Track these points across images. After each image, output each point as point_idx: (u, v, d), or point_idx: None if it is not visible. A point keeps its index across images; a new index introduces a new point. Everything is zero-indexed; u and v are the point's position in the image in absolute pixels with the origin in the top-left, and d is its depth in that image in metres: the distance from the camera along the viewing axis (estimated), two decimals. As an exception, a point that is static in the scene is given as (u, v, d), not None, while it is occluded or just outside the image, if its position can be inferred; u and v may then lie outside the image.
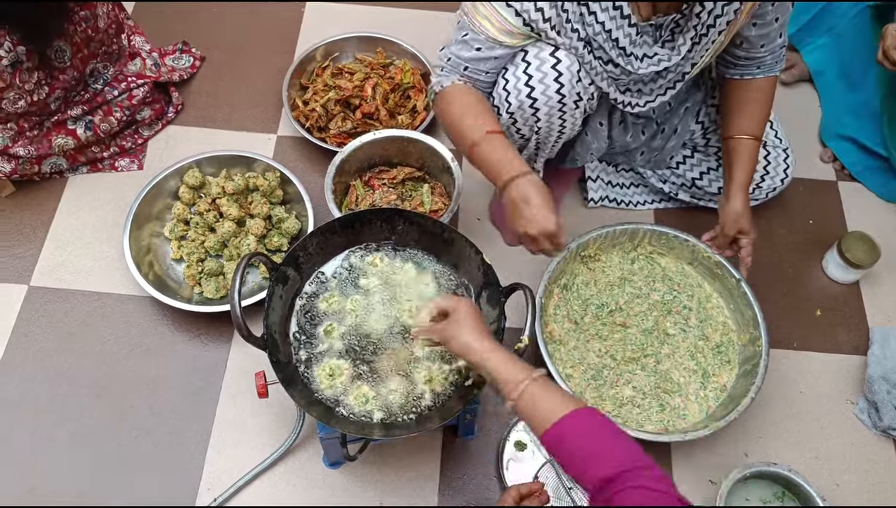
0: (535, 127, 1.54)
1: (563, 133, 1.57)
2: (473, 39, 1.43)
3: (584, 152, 1.73)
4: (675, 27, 1.45)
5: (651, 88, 1.57)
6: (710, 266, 1.78)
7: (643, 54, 1.46)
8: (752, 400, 1.59)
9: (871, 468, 1.71)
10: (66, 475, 1.62)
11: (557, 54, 1.44)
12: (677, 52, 1.47)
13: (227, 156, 1.95)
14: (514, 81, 1.47)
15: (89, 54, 1.87)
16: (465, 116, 1.46)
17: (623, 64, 1.46)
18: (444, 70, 1.49)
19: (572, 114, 1.52)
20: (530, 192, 1.36)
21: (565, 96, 1.47)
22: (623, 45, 1.43)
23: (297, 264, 1.48)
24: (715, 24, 1.45)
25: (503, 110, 1.52)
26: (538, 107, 1.49)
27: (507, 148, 1.42)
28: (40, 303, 1.82)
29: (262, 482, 1.63)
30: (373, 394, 1.39)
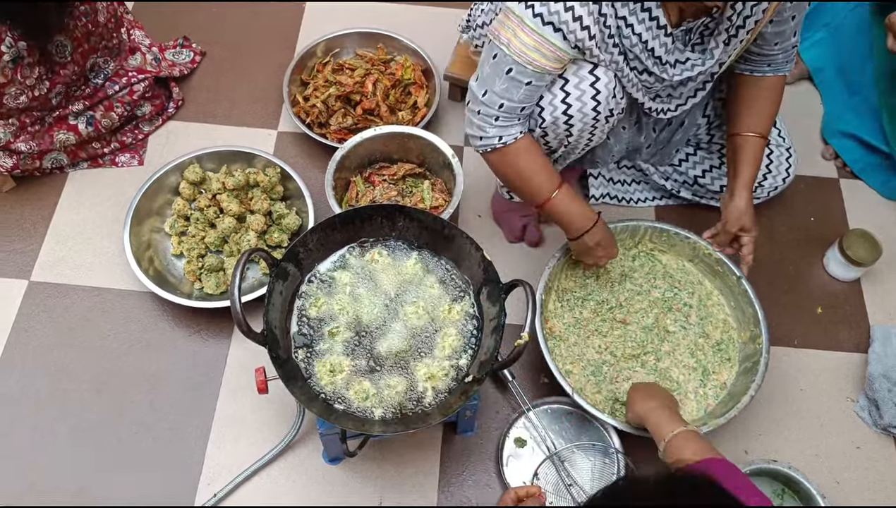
0: (565, 141, 1.53)
1: (589, 144, 1.57)
2: (521, 73, 1.36)
3: (606, 155, 1.71)
4: (704, 30, 1.44)
5: (681, 92, 1.57)
6: (711, 263, 1.78)
7: (675, 60, 1.45)
8: (751, 397, 1.59)
9: (871, 466, 1.70)
10: (67, 470, 1.62)
11: (596, 72, 1.41)
12: (710, 55, 1.46)
13: (228, 151, 1.94)
14: (550, 98, 1.45)
15: (90, 49, 1.87)
16: (537, 173, 1.52)
17: (658, 72, 1.45)
18: (500, 120, 1.43)
19: (602, 128, 1.52)
20: (602, 238, 1.60)
21: (600, 113, 1.47)
22: (658, 55, 1.42)
23: (297, 260, 1.48)
24: (744, 24, 1.45)
25: (536, 126, 1.50)
26: (573, 123, 1.47)
27: (574, 198, 1.55)
28: (41, 299, 1.82)
29: (261, 477, 1.63)
30: (373, 391, 1.39)
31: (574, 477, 1.61)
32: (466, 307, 1.48)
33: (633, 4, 1.34)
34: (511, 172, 1.53)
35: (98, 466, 1.63)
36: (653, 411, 1.44)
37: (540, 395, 1.72)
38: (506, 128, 1.45)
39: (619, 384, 1.68)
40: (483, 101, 1.42)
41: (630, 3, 1.33)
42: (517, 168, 1.51)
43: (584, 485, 1.60)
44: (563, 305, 1.76)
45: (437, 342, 1.44)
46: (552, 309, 1.75)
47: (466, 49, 2.05)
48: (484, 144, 1.49)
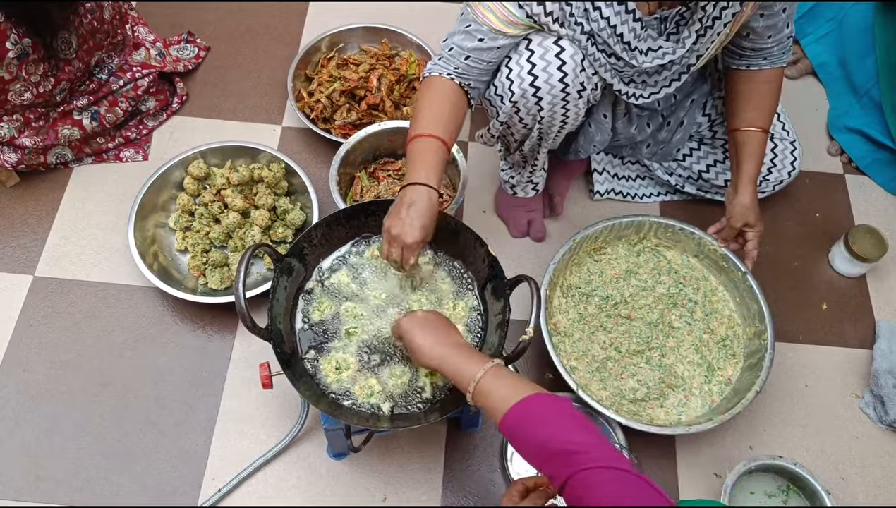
0: (538, 116, 1.53)
1: (565, 123, 1.56)
2: (476, 30, 1.43)
3: (588, 144, 1.73)
4: (679, 20, 1.44)
5: (655, 80, 1.56)
6: (716, 259, 1.77)
7: (647, 48, 1.45)
8: (756, 393, 1.58)
9: (876, 462, 1.70)
10: (72, 464, 1.63)
11: (561, 43, 1.43)
12: (682, 44, 1.46)
13: (232, 147, 1.94)
14: (517, 70, 1.46)
15: (95, 45, 1.87)
16: (428, 109, 1.45)
17: (627, 58, 1.45)
18: (443, 59, 1.48)
19: (575, 103, 1.51)
20: (418, 201, 1.35)
21: (569, 85, 1.47)
22: (627, 40, 1.42)
23: (301, 255, 1.48)
24: (721, 15, 1.44)
25: (506, 99, 1.51)
26: (541, 95, 1.48)
27: (433, 155, 1.40)
28: (45, 294, 1.82)
29: (265, 473, 1.63)
30: (378, 387, 1.39)
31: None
32: (471, 302, 1.48)
33: None
34: (417, 101, 1.49)
35: (103, 460, 1.63)
36: (447, 357, 1.23)
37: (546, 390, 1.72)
38: (442, 67, 1.47)
39: (623, 380, 1.68)
40: (441, 46, 1.49)
41: None
42: (422, 97, 1.48)
43: (588, 481, 1.59)
44: (568, 301, 1.76)
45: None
46: (557, 305, 1.75)
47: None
48: (423, 74, 1.51)
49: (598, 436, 1.05)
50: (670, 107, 1.79)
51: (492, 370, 1.17)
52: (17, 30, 1.64)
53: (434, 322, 1.30)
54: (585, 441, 1.03)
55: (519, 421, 1.10)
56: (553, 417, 1.08)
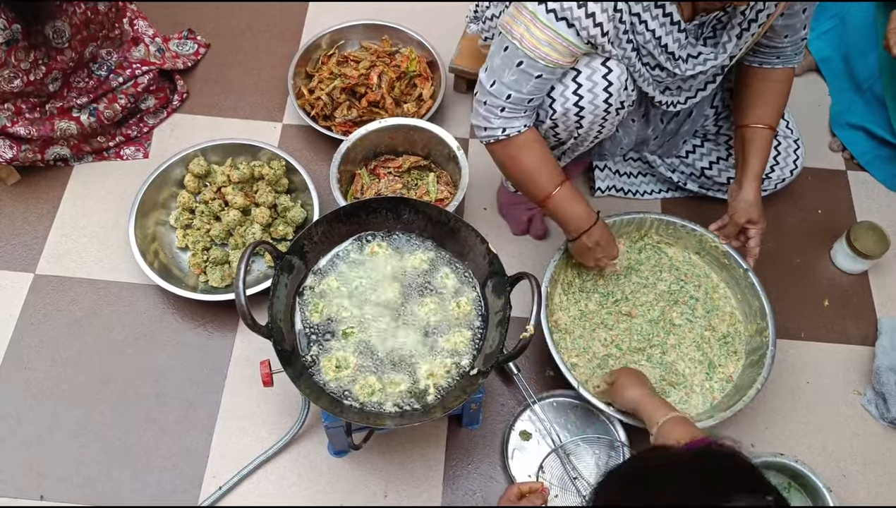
0: (575, 132, 1.53)
1: (599, 136, 1.57)
2: (532, 67, 1.36)
3: (615, 147, 1.71)
4: (717, 24, 1.44)
5: (690, 85, 1.56)
6: (718, 256, 1.77)
7: (688, 55, 1.45)
8: (758, 391, 1.58)
9: (878, 459, 1.70)
10: (73, 462, 1.63)
11: (609, 64, 1.41)
12: (722, 48, 1.46)
13: (233, 144, 1.94)
14: (562, 90, 1.45)
15: (89, 36, 1.87)
16: (541, 168, 1.51)
17: (671, 67, 1.45)
18: (506, 110, 1.43)
19: (612, 120, 1.51)
20: (601, 238, 1.59)
21: (612, 105, 1.46)
22: (672, 50, 1.42)
23: (302, 253, 1.48)
24: (756, 18, 1.44)
25: (547, 117, 1.49)
26: (584, 116, 1.47)
27: (575, 196, 1.55)
28: (46, 291, 1.82)
29: (266, 470, 1.63)
30: (379, 386, 1.39)
31: (579, 470, 1.60)
32: (472, 300, 1.48)
33: (646, 1, 1.33)
34: (514, 166, 1.53)
35: (104, 458, 1.63)
36: (645, 397, 1.46)
37: (545, 388, 1.72)
38: (511, 119, 1.45)
39: (624, 377, 1.68)
40: (491, 92, 1.42)
41: None
42: (520, 161, 1.51)
43: (589, 478, 1.60)
44: (569, 298, 1.76)
45: (443, 336, 1.44)
46: (558, 302, 1.75)
47: (472, 41, 2.04)
48: (488, 135, 1.49)
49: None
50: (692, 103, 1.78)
51: (675, 417, 1.37)
52: (6, 15, 1.64)
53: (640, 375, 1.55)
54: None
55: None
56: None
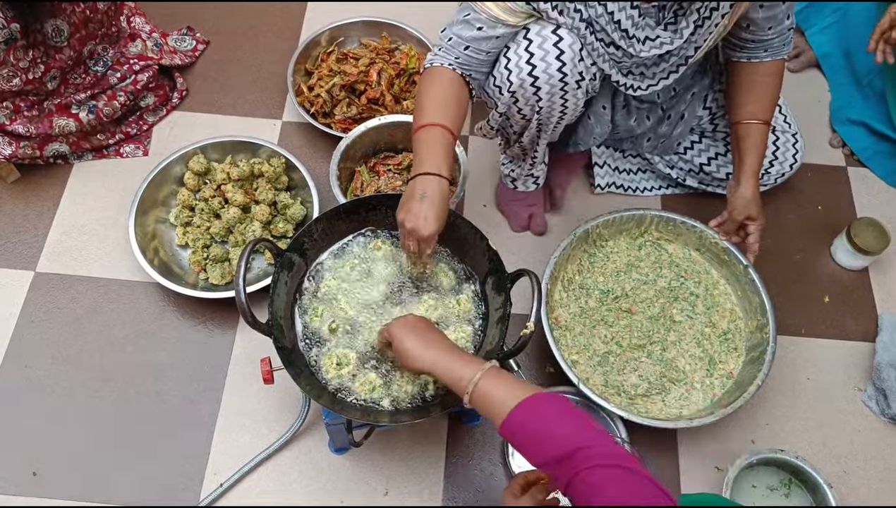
0: (536, 106, 1.52)
1: (564, 114, 1.56)
2: (475, 19, 1.42)
3: (587, 136, 1.72)
4: (678, 9, 1.43)
5: (654, 72, 1.55)
6: (718, 252, 1.77)
7: (645, 37, 1.45)
8: (758, 387, 1.58)
9: (878, 455, 1.70)
10: (73, 459, 1.63)
11: (559, 32, 1.43)
12: (679, 34, 1.46)
13: (232, 141, 1.94)
14: (515, 59, 1.46)
15: (88, 35, 1.87)
16: (431, 98, 1.44)
17: (625, 46, 1.45)
18: (443, 49, 1.48)
19: (574, 94, 1.51)
20: (431, 192, 1.35)
21: (567, 75, 1.46)
22: (625, 28, 1.42)
23: (302, 250, 1.48)
24: (718, 6, 1.43)
25: (504, 89, 1.50)
26: (539, 85, 1.47)
27: (441, 145, 1.39)
28: (46, 289, 1.82)
29: (267, 467, 1.63)
30: (379, 382, 1.39)
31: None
32: (472, 297, 1.48)
33: None
34: (420, 92, 1.48)
35: (104, 455, 1.63)
36: (440, 361, 1.20)
37: (546, 385, 1.72)
38: (441, 57, 1.47)
39: (625, 375, 1.68)
40: (440, 37, 1.49)
41: None
42: (423, 88, 1.48)
43: (589, 475, 1.59)
44: (569, 295, 1.76)
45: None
46: (558, 299, 1.75)
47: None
48: (423, 65, 1.52)
49: (597, 433, 1.04)
50: (670, 100, 1.78)
51: (489, 372, 1.15)
52: (5, 14, 1.64)
53: (423, 326, 1.28)
54: (585, 438, 1.02)
55: (518, 426, 1.08)
56: (552, 417, 1.07)
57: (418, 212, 1.34)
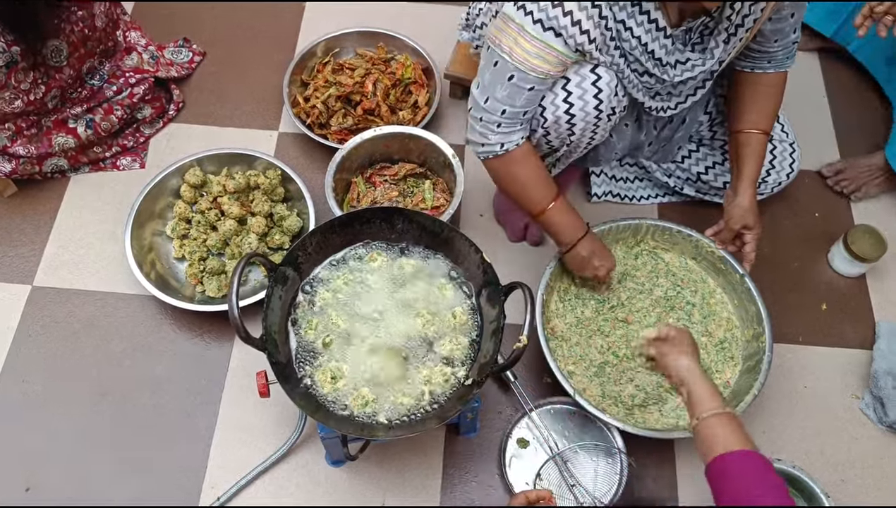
0: (567, 140, 1.52)
1: (591, 142, 1.56)
2: (524, 80, 1.37)
3: (609, 152, 1.71)
4: (704, 30, 1.44)
5: (681, 91, 1.56)
6: (714, 261, 1.77)
7: (676, 61, 1.45)
8: (754, 396, 1.58)
9: (876, 463, 1.70)
10: (70, 473, 1.63)
11: (598, 71, 1.41)
12: (710, 54, 1.46)
13: (228, 154, 1.94)
14: (552, 98, 1.44)
15: (86, 53, 1.87)
16: (535, 182, 1.53)
17: (659, 74, 1.45)
18: (502, 126, 1.43)
19: (604, 126, 1.51)
20: (595, 247, 1.62)
21: (602, 112, 1.46)
22: (659, 56, 1.42)
23: (296, 264, 1.48)
24: (743, 23, 1.44)
25: (538, 125, 1.49)
26: (575, 123, 1.47)
27: (569, 210, 1.58)
28: (43, 303, 1.83)
29: (264, 480, 1.64)
30: (372, 397, 1.39)
31: (577, 478, 1.60)
32: (467, 310, 1.48)
33: (631, 7, 1.33)
34: (510, 180, 1.54)
35: (101, 469, 1.64)
36: (696, 374, 1.44)
37: (543, 395, 1.72)
38: (508, 134, 1.45)
39: (622, 385, 1.67)
40: (485, 108, 1.42)
41: (629, 5, 1.33)
42: (516, 176, 1.52)
43: (587, 486, 1.59)
44: (565, 305, 1.76)
45: (439, 347, 1.44)
46: (554, 309, 1.75)
47: (467, 47, 2.04)
48: (486, 151, 1.49)
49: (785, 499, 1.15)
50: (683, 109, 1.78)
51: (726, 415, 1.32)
52: (6, 38, 1.65)
53: (695, 347, 1.53)
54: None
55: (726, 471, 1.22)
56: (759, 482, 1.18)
57: (599, 264, 1.64)
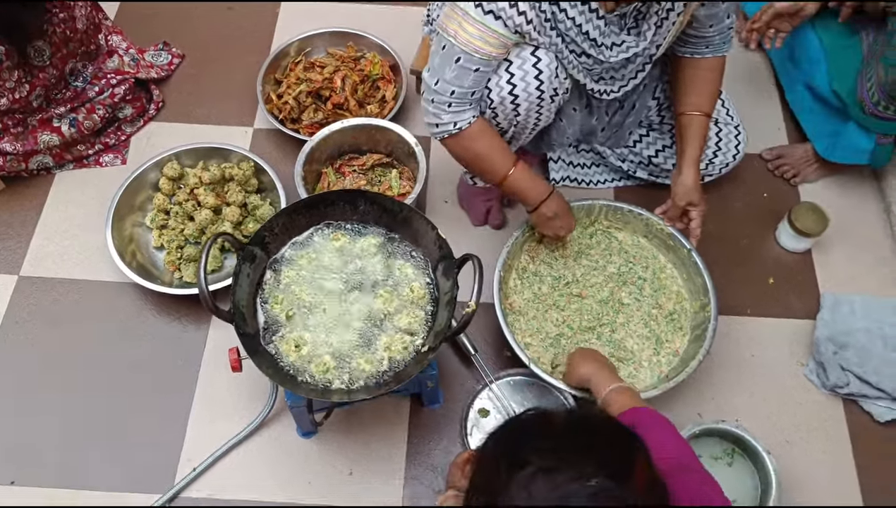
0: (513, 120, 1.63)
1: (538, 124, 1.67)
2: (469, 61, 1.48)
3: (560, 137, 1.81)
4: (637, 14, 1.54)
5: (623, 74, 1.66)
6: (664, 238, 1.86)
7: (612, 43, 1.55)
8: (699, 361, 1.67)
9: (820, 425, 1.78)
10: (57, 450, 1.73)
11: (538, 53, 1.52)
12: (643, 37, 1.56)
13: (205, 148, 2.04)
14: (496, 80, 1.55)
15: (68, 54, 1.98)
16: (493, 152, 1.63)
17: (595, 54, 1.55)
18: (453, 106, 1.54)
19: (548, 107, 1.62)
20: (559, 208, 1.72)
21: (544, 92, 1.57)
22: (594, 37, 1.52)
23: (263, 243, 1.57)
24: (674, 7, 1.54)
25: (486, 107, 1.60)
26: (519, 102, 1.57)
27: (530, 174, 1.67)
28: (30, 292, 1.93)
29: (238, 452, 1.73)
30: (334, 364, 1.48)
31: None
32: (424, 284, 1.57)
33: None
34: (468, 155, 1.64)
35: (85, 446, 1.73)
36: (596, 371, 1.56)
37: (504, 369, 1.80)
38: (459, 113, 1.55)
39: (576, 355, 1.77)
40: (436, 90, 1.53)
41: None
42: (475, 150, 1.62)
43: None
44: (523, 282, 1.85)
45: (398, 320, 1.53)
46: (512, 286, 1.84)
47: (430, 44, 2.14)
48: (441, 131, 1.59)
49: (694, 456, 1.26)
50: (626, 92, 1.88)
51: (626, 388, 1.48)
52: None
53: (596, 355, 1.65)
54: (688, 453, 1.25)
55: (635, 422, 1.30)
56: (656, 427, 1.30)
57: (563, 224, 1.75)
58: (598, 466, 0.84)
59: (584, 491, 0.82)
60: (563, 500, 0.82)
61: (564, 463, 0.84)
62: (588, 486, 0.82)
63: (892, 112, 1.82)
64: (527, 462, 0.85)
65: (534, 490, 0.83)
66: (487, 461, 0.93)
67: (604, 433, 0.93)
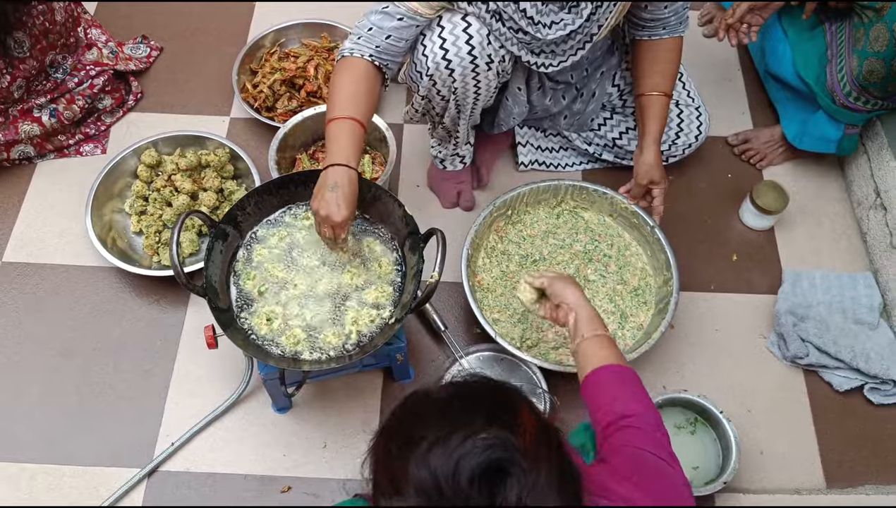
0: (452, 87, 1.67)
1: (479, 94, 1.71)
2: (395, 11, 1.56)
3: (507, 116, 1.87)
4: None
5: (563, 49, 1.71)
6: (628, 216, 1.92)
7: (550, 21, 1.60)
8: (661, 333, 1.73)
9: (781, 395, 1.84)
10: (39, 427, 1.77)
11: (468, 19, 1.58)
12: (580, 15, 1.61)
13: (182, 136, 2.09)
14: (430, 45, 1.61)
15: (48, 46, 2.03)
16: (345, 91, 1.57)
17: (532, 32, 1.60)
18: (362, 38, 1.60)
19: (486, 75, 1.66)
20: (341, 182, 1.48)
21: (477, 58, 1.62)
22: (531, 15, 1.58)
23: (235, 222, 1.63)
24: None
25: (424, 74, 1.66)
26: (453, 67, 1.63)
27: (351, 137, 1.53)
28: (12, 276, 1.97)
29: (216, 427, 1.78)
30: (304, 336, 1.53)
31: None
32: (392, 260, 1.62)
33: None
34: (332, 81, 1.62)
35: (66, 423, 1.78)
36: (583, 304, 1.45)
37: (473, 344, 1.85)
38: (359, 46, 1.59)
39: (542, 332, 1.82)
40: (359, 25, 1.61)
41: None
42: (335, 80, 1.61)
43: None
44: (492, 260, 1.91)
45: (366, 294, 1.58)
46: (481, 264, 1.90)
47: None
48: (339, 53, 1.64)
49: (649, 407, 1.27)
50: (583, 79, 1.94)
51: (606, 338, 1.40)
52: None
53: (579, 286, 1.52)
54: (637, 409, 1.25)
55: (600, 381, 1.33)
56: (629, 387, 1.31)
57: (330, 200, 1.47)
58: (487, 420, 0.86)
59: (479, 445, 0.84)
60: (463, 460, 0.83)
61: (455, 426, 0.86)
62: (482, 440, 0.84)
63: (862, 103, 1.88)
64: (420, 438, 0.87)
65: (433, 462, 0.84)
66: (382, 454, 0.93)
67: (483, 391, 0.95)
